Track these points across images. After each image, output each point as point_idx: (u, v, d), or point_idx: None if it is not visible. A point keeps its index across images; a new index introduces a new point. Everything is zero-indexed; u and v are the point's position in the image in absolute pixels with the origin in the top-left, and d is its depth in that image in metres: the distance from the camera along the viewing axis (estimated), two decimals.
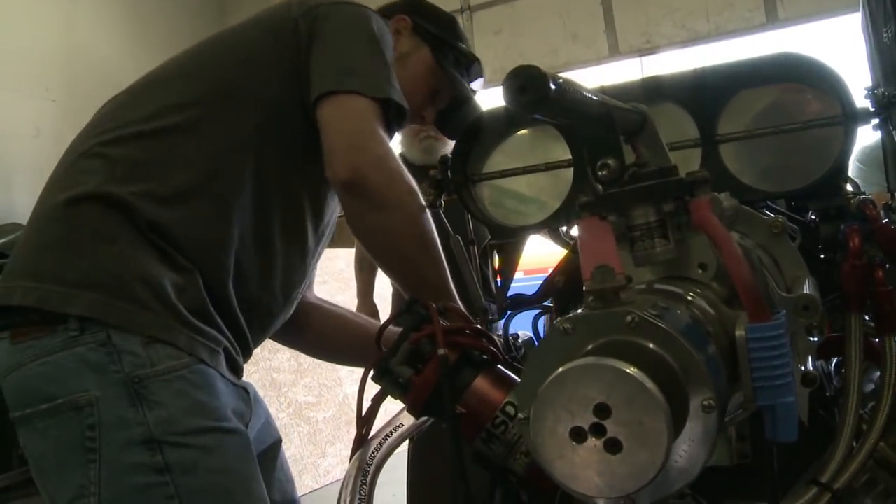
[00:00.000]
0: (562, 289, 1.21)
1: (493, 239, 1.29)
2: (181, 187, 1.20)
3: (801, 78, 1.13)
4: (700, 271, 0.87)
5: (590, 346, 0.63)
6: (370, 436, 1.24)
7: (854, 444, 0.93)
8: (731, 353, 0.75)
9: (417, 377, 1.14)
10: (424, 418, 1.24)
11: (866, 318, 1.00)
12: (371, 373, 1.19)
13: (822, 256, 1.11)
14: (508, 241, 1.30)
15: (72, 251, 1.15)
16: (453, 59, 1.54)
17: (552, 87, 0.61)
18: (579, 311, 0.67)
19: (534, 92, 0.60)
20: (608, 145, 0.74)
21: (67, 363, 1.10)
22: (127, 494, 1.07)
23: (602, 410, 0.59)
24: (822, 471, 0.91)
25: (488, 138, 1.28)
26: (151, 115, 1.25)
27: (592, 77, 5.73)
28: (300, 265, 1.37)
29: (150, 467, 1.08)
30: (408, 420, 1.36)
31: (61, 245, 1.16)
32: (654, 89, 1.17)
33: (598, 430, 0.59)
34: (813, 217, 1.15)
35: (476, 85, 1.58)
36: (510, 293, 1.35)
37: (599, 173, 0.74)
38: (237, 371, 1.27)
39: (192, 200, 1.20)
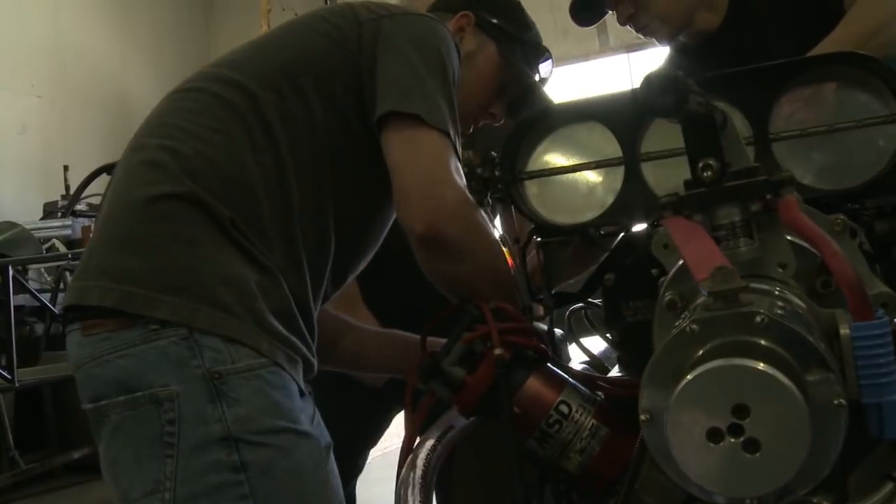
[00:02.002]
0: (612, 287, 1.21)
1: (542, 237, 1.29)
2: (257, 182, 1.19)
3: (855, 75, 1.13)
4: (780, 270, 0.88)
5: (717, 348, 0.63)
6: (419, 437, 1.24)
7: None
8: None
9: (471, 377, 1.14)
10: (476, 419, 1.24)
11: None
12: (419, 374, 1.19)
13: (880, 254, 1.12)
14: (557, 239, 1.29)
15: (153, 252, 1.13)
16: (520, 52, 1.53)
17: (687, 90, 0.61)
18: (701, 311, 0.67)
19: (673, 95, 0.60)
20: (711, 146, 0.74)
21: (149, 356, 1.09)
22: (202, 492, 1.07)
23: (741, 411, 0.59)
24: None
25: (535, 135, 1.28)
26: (216, 104, 1.24)
27: (581, 73, 5.76)
28: (349, 272, 1.38)
29: (226, 465, 1.07)
30: (458, 421, 1.36)
31: (142, 245, 1.14)
32: (706, 86, 1.18)
33: (735, 431, 0.59)
34: (866, 213, 1.16)
35: (545, 72, 1.58)
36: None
37: (704, 174, 0.74)
38: (310, 379, 1.26)
39: (267, 196, 1.20)
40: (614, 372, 1.34)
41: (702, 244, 0.73)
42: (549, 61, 1.61)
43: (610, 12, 1.99)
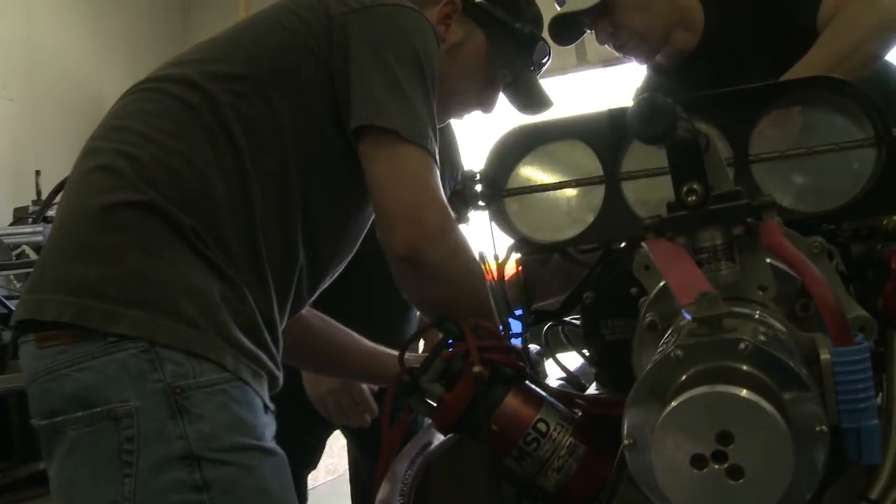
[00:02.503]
0: (591, 305, 1.22)
1: (522, 255, 1.29)
2: (218, 192, 1.15)
3: (833, 99, 1.15)
4: (760, 292, 0.89)
5: (700, 373, 0.64)
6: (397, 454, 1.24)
7: None
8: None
9: (449, 395, 1.14)
10: (453, 436, 1.24)
11: None
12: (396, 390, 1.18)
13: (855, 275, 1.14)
14: (537, 256, 1.30)
15: (112, 263, 1.08)
16: (513, 41, 1.46)
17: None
18: (685, 337, 0.67)
19: (662, 123, 0.60)
20: (696, 171, 0.74)
21: (107, 369, 1.04)
22: None
23: (725, 437, 0.59)
24: (871, 487, 0.93)
25: (516, 152, 1.28)
26: (174, 107, 1.18)
27: (560, 86, 5.79)
28: (323, 280, 1.34)
29: (187, 485, 1.03)
30: (436, 438, 1.36)
31: (99, 256, 1.09)
32: (689, 108, 1.19)
33: (719, 457, 0.60)
34: (841, 235, 1.17)
35: (540, 59, 1.51)
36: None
37: (688, 198, 0.75)
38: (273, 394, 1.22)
39: (230, 206, 1.15)
40: (591, 389, 1.34)
41: (685, 268, 0.74)
42: (548, 56, 1.53)
43: (588, 31, 2.01)
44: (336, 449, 4.29)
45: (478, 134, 1.52)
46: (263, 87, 1.21)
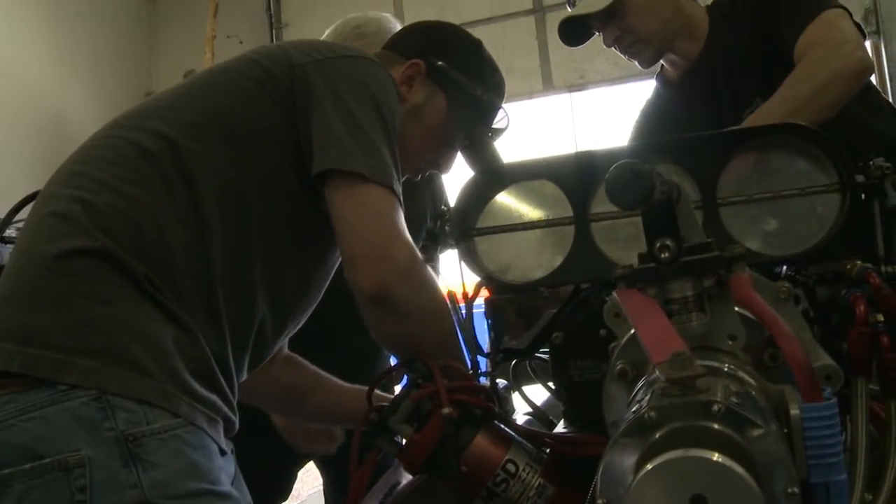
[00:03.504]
0: (560, 345, 1.22)
1: (492, 295, 1.29)
2: (174, 240, 1.14)
3: (799, 145, 1.17)
4: (730, 342, 0.90)
5: (674, 435, 0.64)
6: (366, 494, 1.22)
7: None
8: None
9: (418, 435, 1.14)
10: (422, 476, 1.23)
11: None
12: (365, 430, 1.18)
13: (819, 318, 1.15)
14: (506, 297, 1.30)
15: (63, 311, 1.07)
16: (473, 107, 1.48)
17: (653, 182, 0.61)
18: (658, 397, 0.68)
19: (640, 192, 0.61)
20: (668, 227, 0.75)
21: (58, 419, 1.02)
22: None
23: (698, 501, 0.59)
24: None
25: (487, 191, 1.29)
26: (133, 155, 1.18)
27: (525, 111, 5.84)
28: (286, 328, 1.34)
29: None
30: (404, 478, 1.35)
31: (50, 304, 1.07)
32: (658, 149, 1.20)
33: None
34: (808, 279, 1.19)
35: (499, 125, 1.52)
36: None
37: (661, 255, 0.75)
38: (230, 437, 1.21)
39: (186, 254, 1.15)
40: (560, 426, 1.34)
41: (657, 322, 0.74)
42: (505, 124, 1.54)
43: (597, 34, 2.10)
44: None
45: (462, 170, 1.53)
46: (224, 136, 1.22)
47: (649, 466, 0.60)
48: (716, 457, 0.59)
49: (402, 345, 1.27)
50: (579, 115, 5.96)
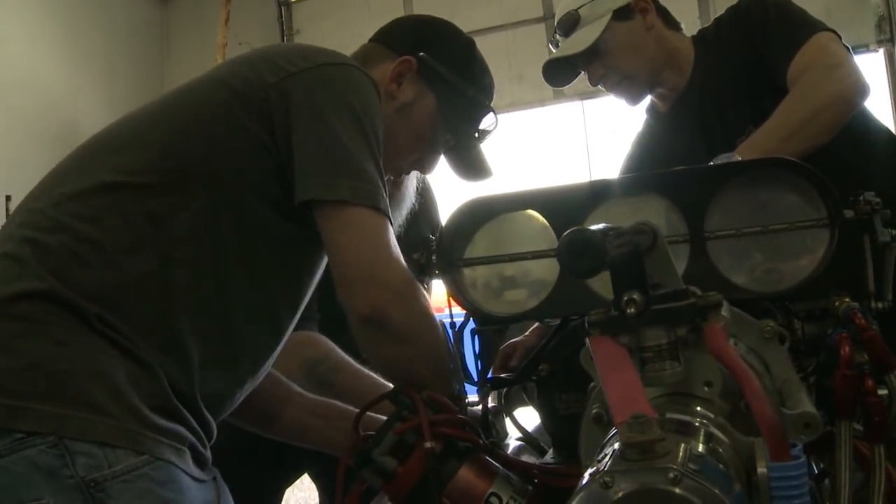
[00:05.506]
0: (546, 377, 1.21)
1: (478, 325, 1.28)
2: (131, 277, 1.12)
3: (788, 179, 1.15)
4: (706, 388, 0.88)
5: (633, 496, 0.63)
6: None
7: None
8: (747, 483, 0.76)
9: (402, 468, 1.13)
10: None
11: None
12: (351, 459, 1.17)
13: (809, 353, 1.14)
14: (492, 328, 1.29)
15: (14, 356, 1.04)
16: (462, 107, 1.45)
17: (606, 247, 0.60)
18: (616, 461, 0.66)
19: (592, 259, 0.60)
20: (634, 281, 0.74)
21: (17, 468, 0.98)
22: None
23: None
24: None
25: (473, 222, 1.28)
26: (92, 190, 1.16)
27: (536, 118, 5.83)
28: (269, 351, 1.31)
29: None
30: None
31: (1, 349, 1.05)
32: (645, 183, 1.19)
33: None
34: (794, 315, 1.17)
35: (487, 126, 1.50)
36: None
37: (627, 310, 0.74)
38: (204, 464, 1.17)
39: (143, 291, 1.12)
40: (550, 455, 1.33)
41: (625, 377, 0.73)
42: (494, 126, 1.52)
43: (582, 73, 2.08)
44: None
45: (456, 192, 1.51)
46: (190, 169, 1.19)
47: None
48: None
49: (395, 367, 1.26)
50: (591, 123, 5.95)
